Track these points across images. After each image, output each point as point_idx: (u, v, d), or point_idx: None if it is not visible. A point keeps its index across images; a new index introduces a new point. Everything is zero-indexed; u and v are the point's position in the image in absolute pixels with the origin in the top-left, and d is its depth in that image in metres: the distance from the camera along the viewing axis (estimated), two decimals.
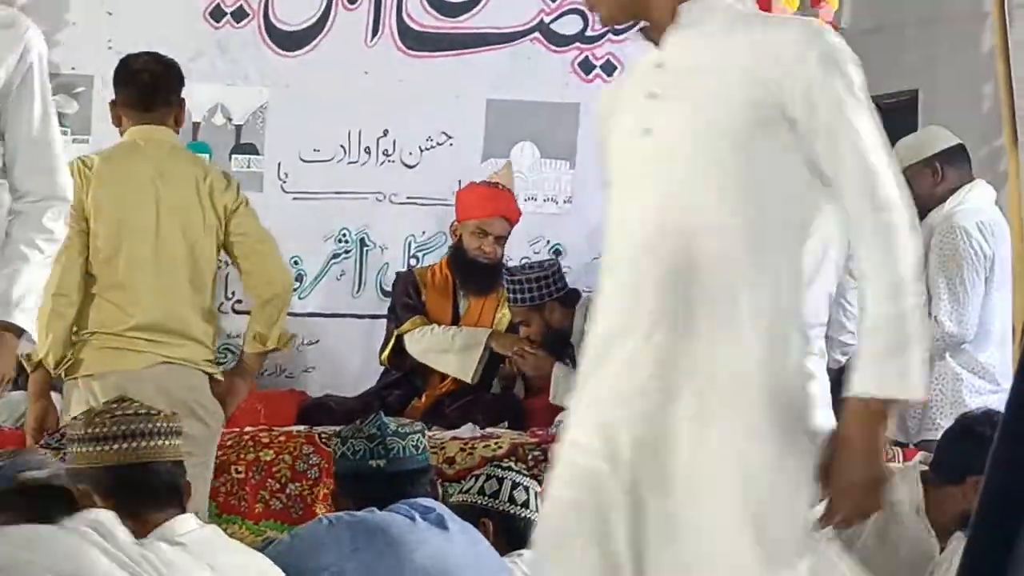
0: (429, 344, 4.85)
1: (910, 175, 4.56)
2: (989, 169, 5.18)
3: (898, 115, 5.97)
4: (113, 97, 4.21)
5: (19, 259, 3.00)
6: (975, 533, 1.22)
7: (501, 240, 4.97)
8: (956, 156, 4.70)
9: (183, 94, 4.23)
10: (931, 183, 4.63)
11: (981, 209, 4.60)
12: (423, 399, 4.90)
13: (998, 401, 4.26)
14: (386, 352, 4.95)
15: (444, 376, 4.92)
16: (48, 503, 2.61)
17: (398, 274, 5.13)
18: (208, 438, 3.97)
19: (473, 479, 3.20)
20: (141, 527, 2.56)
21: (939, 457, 3.58)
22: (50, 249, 3.08)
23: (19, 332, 2.98)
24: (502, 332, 4.90)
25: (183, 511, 2.64)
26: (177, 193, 4.03)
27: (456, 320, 4.99)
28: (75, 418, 2.88)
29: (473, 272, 4.98)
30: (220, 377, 4.09)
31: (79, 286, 3.92)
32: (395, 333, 4.93)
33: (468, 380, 4.77)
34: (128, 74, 4.17)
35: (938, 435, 3.99)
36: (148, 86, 4.11)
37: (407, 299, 4.99)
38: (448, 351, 4.84)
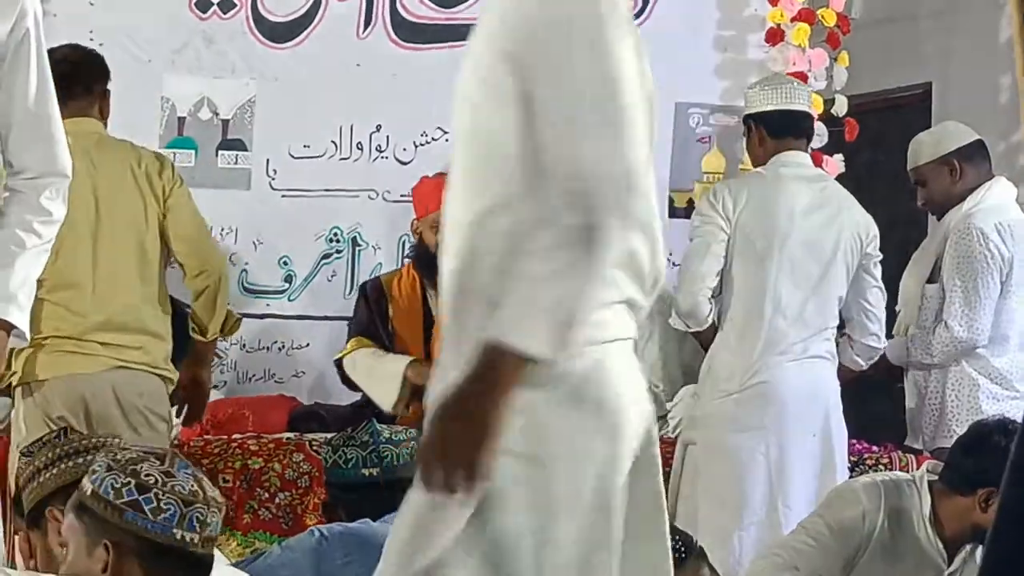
0: (358, 372, 4.70)
1: (927, 173, 4.54)
2: (1008, 165, 5.15)
3: (912, 109, 5.95)
4: None
5: (15, 245, 2.87)
6: (992, 548, 1.18)
7: None
8: (975, 153, 4.61)
9: (107, 84, 4.20)
10: (949, 182, 4.55)
11: (1001, 208, 4.54)
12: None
13: (1016, 407, 4.23)
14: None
15: None
16: None
17: (362, 284, 5.01)
18: (160, 441, 3.92)
19: None
20: None
21: (950, 466, 3.51)
22: (48, 233, 2.94)
23: (9, 328, 2.85)
24: (420, 360, 4.72)
25: None
26: (114, 183, 3.99)
27: (429, 323, 4.84)
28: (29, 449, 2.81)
29: (437, 267, 4.84)
30: (173, 377, 4.05)
31: None
32: (334, 358, 4.83)
33: (388, 410, 4.65)
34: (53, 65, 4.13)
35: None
36: (67, 76, 4.03)
37: (359, 315, 4.84)
38: (371, 379, 4.69)
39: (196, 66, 5.28)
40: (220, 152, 5.32)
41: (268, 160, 5.33)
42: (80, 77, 4.08)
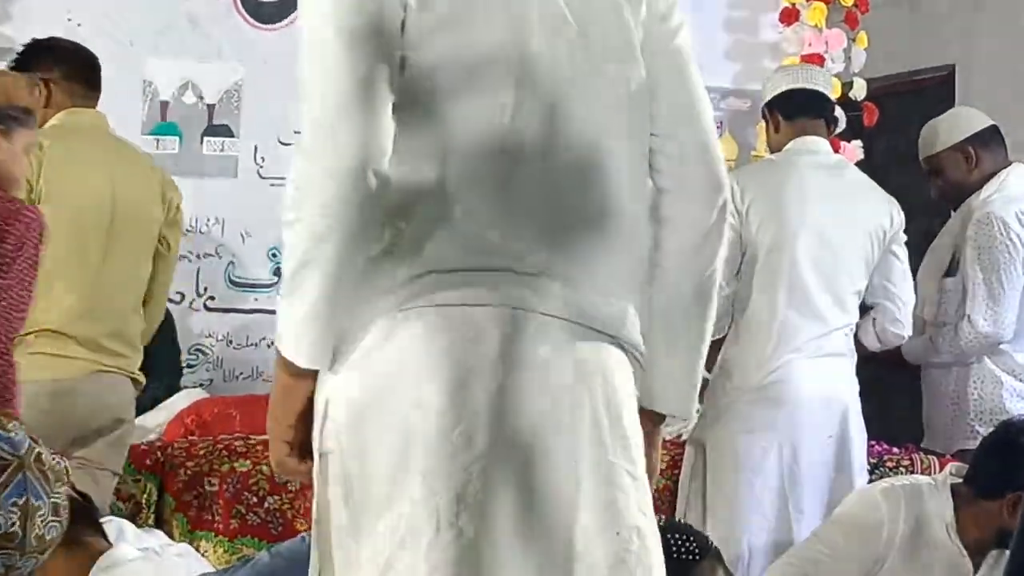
0: None
1: (942, 162, 4.54)
2: None
3: (934, 92, 5.96)
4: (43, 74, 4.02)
5: None
6: (1018, 553, 1.18)
7: None
8: (990, 139, 4.58)
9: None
10: (965, 169, 4.53)
11: (1021, 196, 4.55)
12: None
13: None
14: None
15: None
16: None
17: None
18: (124, 446, 4.00)
19: None
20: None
21: (975, 469, 3.50)
22: None
23: None
24: None
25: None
26: (134, 182, 4.01)
27: None
28: None
29: None
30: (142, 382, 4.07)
31: None
32: None
33: None
34: (71, 52, 4.14)
35: (977, 444, 3.95)
36: (95, 68, 4.09)
37: None
38: None
39: (180, 49, 5.29)
40: (205, 138, 5.34)
41: (256, 147, 5.35)
42: (99, 72, 4.12)
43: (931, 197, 4.72)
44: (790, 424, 4.02)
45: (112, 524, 2.84)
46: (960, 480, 3.49)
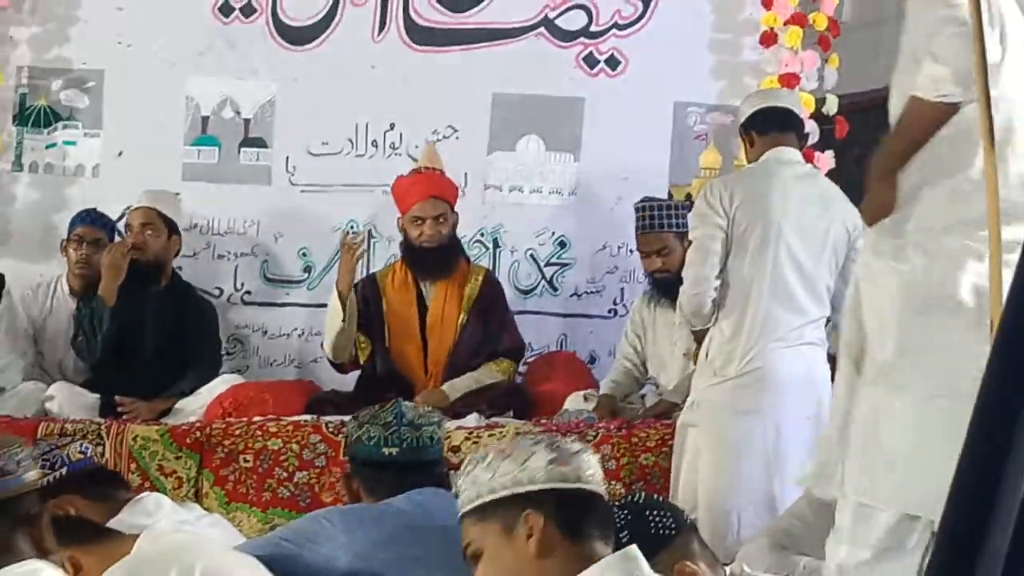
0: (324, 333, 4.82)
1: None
2: None
3: None
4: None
5: None
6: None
7: (441, 219, 4.72)
8: None
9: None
10: None
11: None
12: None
13: None
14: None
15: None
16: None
17: (359, 282, 4.97)
18: None
19: None
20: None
21: None
22: None
23: None
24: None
25: None
26: None
27: (423, 309, 4.81)
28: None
29: (424, 259, 4.77)
30: None
31: None
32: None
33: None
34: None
35: None
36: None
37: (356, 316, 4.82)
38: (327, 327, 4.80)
39: (219, 68, 5.26)
40: (242, 149, 5.29)
41: (288, 157, 5.28)
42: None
43: None
44: (773, 407, 3.97)
45: (151, 498, 2.79)
46: None
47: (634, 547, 2.02)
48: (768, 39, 5.39)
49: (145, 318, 4.76)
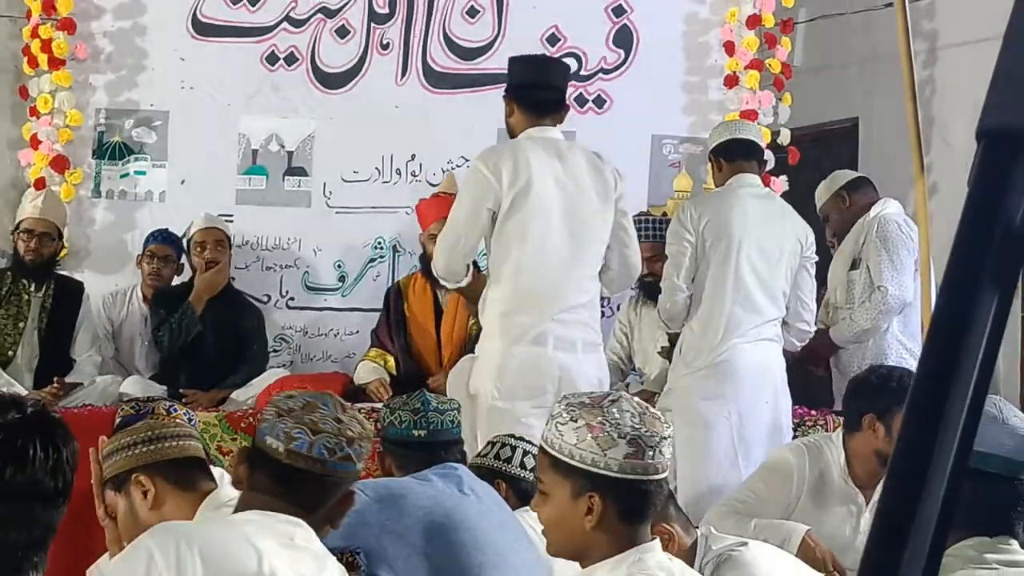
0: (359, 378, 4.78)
1: (827, 209, 4.64)
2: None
3: (842, 138, 5.96)
4: None
5: None
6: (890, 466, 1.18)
7: None
8: (859, 184, 4.71)
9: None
10: (843, 208, 4.65)
11: (900, 212, 4.61)
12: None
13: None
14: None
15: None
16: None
17: (387, 289, 4.97)
18: None
19: (490, 446, 3.14)
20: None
21: (843, 413, 3.40)
22: None
23: None
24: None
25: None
26: None
27: (439, 312, 4.83)
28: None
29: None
30: None
31: None
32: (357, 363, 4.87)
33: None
34: None
35: None
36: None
37: (380, 316, 4.85)
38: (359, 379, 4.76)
39: (266, 108, 5.30)
40: (286, 177, 5.33)
41: (325, 183, 5.32)
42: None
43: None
44: (736, 393, 4.00)
45: (216, 471, 2.83)
46: None
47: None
48: (731, 81, 5.45)
49: (206, 321, 4.80)
